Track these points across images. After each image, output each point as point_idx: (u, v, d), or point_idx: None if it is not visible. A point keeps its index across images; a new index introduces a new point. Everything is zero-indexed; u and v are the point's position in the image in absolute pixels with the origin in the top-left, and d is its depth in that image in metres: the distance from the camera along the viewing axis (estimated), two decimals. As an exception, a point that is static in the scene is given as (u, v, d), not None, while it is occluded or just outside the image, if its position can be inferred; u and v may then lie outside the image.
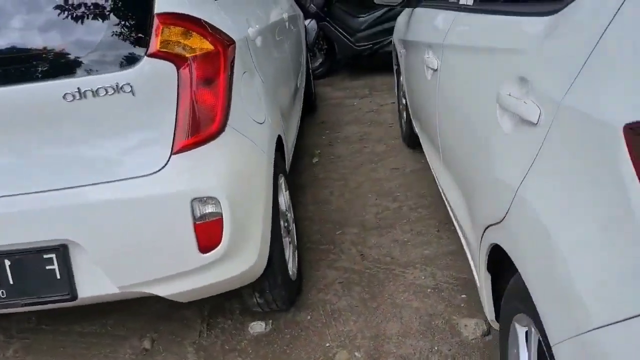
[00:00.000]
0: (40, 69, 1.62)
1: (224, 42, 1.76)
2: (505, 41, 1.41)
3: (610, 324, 0.85)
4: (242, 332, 2.18)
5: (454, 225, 2.09)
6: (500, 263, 1.46)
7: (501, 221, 1.26)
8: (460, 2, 1.94)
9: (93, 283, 1.72)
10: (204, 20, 1.73)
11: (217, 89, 1.73)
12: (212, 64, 1.72)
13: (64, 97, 1.60)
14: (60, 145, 1.66)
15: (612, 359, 0.85)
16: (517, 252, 1.20)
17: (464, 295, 2.21)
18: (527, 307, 1.18)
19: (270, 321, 2.21)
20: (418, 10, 2.88)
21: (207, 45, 1.71)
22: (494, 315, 1.65)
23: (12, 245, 1.67)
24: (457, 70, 1.82)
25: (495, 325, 1.66)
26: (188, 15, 1.70)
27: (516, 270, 1.24)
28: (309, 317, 2.21)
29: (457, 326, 2.06)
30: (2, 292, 1.71)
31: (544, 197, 1.08)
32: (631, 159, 0.81)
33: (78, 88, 1.60)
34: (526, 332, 1.37)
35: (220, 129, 1.74)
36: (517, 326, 1.40)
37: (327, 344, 2.06)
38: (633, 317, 0.80)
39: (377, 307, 2.22)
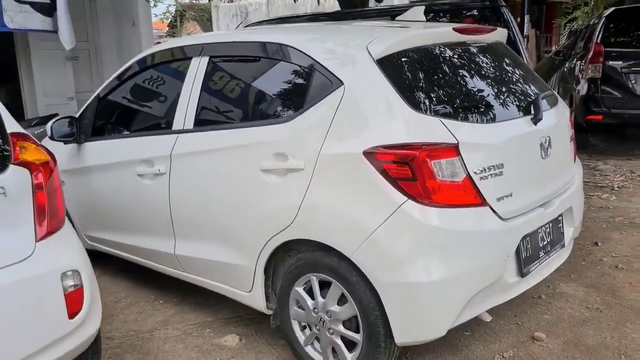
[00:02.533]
0: None
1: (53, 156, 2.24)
2: (255, 139, 2.59)
3: (373, 232, 2.14)
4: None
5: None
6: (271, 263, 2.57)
7: (291, 224, 2.39)
8: (176, 128, 2.98)
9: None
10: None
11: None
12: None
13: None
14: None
15: (382, 247, 2.14)
16: (310, 233, 2.35)
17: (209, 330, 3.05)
18: (320, 268, 2.35)
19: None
20: (92, 144, 3.59)
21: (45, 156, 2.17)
22: (265, 304, 2.68)
23: None
24: (198, 166, 2.83)
25: (267, 311, 2.69)
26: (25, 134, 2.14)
27: (294, 254, 2.41)
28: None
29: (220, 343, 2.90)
30: None
31: (321, 201, 2.30)
32: (372, 165, 2.15)
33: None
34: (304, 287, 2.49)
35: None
36: (299, 289, 2.50)
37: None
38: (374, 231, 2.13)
39: None
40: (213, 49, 2.96)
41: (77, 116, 3.55)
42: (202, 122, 2.90)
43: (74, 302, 2.08)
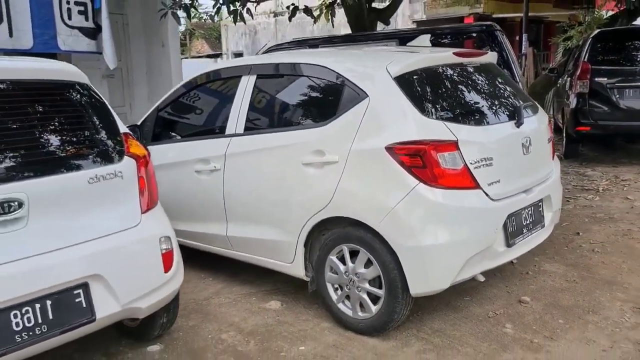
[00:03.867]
0: (72, 162, 2.44)
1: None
2: (297, 139, 3.27)
3: (393, 208, 2.81)
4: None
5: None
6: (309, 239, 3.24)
7: (328, 205, 3.07)
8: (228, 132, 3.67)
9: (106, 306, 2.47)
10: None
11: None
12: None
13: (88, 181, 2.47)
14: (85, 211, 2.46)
15: (400, 219, 2.81)
16: (343, 211, 3.02)
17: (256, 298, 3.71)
18: (351, 239, 3.01)
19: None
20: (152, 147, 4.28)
21: (144, 151, 2.86)
22: (304, 272, 3.34)
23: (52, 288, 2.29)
24: (249, 162, 3.51)
25: (306, 278, 3.35)
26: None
27: (328, 231, 3.10)
28: (181, 336, 3.22)
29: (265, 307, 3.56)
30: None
31: (352, 186, 2.98)
32: (391, 157, 2.84)
33: (96, 174, 2.50)
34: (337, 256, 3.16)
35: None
36: (333, 257, 3.16)
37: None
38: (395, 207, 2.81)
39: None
40: (259, 69, 3.67)
41: (139, 124, 4.25)
42: (251, 127, 3.59)
43: (167, 260, 2.76)
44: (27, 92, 2.47)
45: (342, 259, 3.16)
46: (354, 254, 3.10)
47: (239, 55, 25.61)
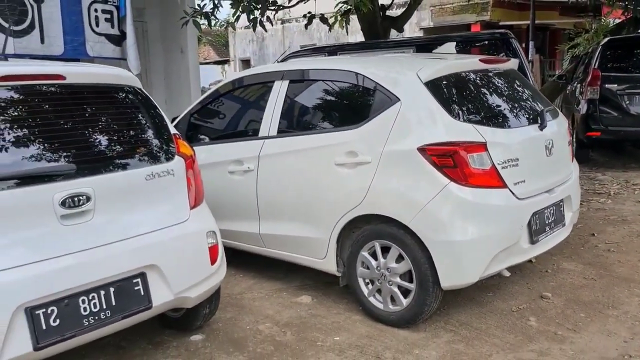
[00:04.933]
0: (132, 161, 2.62)
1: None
2: (330, 141, 3.45)
3: (425, 205, 2.99)
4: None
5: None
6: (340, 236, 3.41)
7: (360, 203, 3.24)
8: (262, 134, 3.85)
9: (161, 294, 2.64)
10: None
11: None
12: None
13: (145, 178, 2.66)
14: (142, 205, 2.63)
15: (432, 216, 2.99)
16: (376, 209, 3.20)
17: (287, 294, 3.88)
18: (383, 235, 3.18)
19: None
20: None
21: (191, 151, 3.04)
22: (335, 267, 3.51)
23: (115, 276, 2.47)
24: (282, 163, 3.68)
25: (337, 273, 3.52)
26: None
27: (359, 228, 3.27)
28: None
29: (297, 301, 3.72)
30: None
31: (385, 185, 3.15)
32: (423, 158, 3.01)
33: (152, 172, 2.68)
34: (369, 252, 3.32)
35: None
36: (365, 253, 3.33)
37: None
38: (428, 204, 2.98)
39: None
40: (291, 75, 3.85)
41: (171, 127, 4.44)
42: (284, 130, 3.77)
43: (213, 253, 2.94)
44: (93, 95, 2.66)
45: (374, 255, 3.32)
46: (385, 250, 3.27)
47: (246, 61, 25.87)
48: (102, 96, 2.71)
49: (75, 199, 2.37)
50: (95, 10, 6.43)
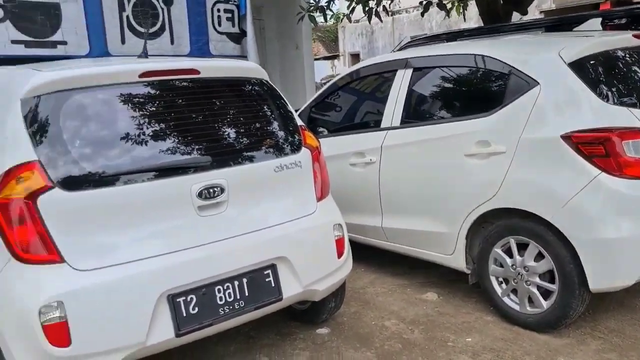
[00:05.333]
0: (262, 153, 2.65)
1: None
2: (459, 130, 3.26)
3: (570, 199, 2.70)
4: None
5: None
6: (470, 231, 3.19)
7: (494, 196, 3.02)
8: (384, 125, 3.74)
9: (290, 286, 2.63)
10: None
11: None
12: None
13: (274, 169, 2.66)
14: (271, 197, 2.65)
15: (580, 211, 2.70)
16: (511, 203, 2.96)
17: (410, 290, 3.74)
18: (519, 231, 2.94)
19: (324, 330, 3.24)
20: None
21: (317, 142, 3.00)
22: (464, 264, 3.31)
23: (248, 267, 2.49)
24: (406, 155, 3.55)
25: (466, 270, 3.32)
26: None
27: (491, 223, 3.03)
28: (344, 322, 3.34)
29: (422, 297, 3.57)
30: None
31: (522, 177, 2.91)
32: (569, 146, 2.73)
33: (280, 164, 2.68)
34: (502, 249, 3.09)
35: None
36: (498, 250, 3.10)
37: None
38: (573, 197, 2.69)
39: (375, 306, 3.53)
40: (416, 62, 3.69)
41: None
42: (408, 120, 3.63)
43: (340, 246, 2.88)
44: (224, 88, 2.70)
45: (508, 252, 3.09)
46: (521, 247, 3.02)
47: (355, 56, 25.86)
48: (232, 89, 2.75)
49: (211, 190, 2.41)
50: (218, 10, 6.68)
